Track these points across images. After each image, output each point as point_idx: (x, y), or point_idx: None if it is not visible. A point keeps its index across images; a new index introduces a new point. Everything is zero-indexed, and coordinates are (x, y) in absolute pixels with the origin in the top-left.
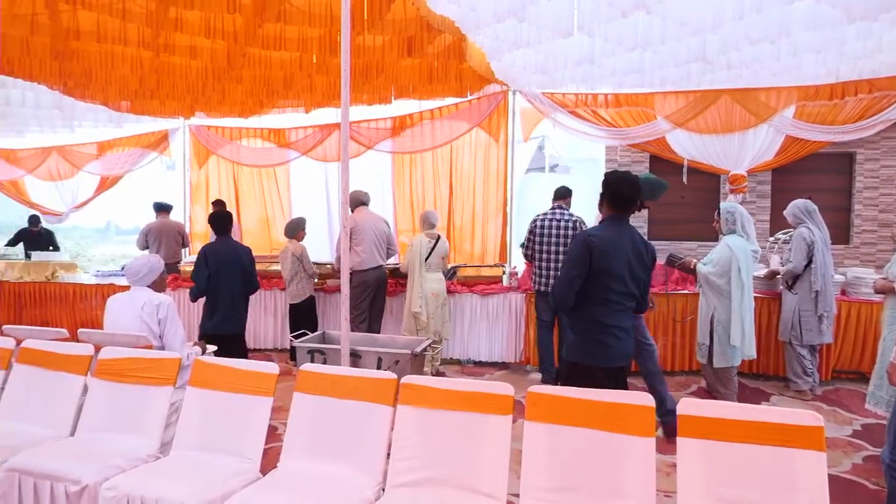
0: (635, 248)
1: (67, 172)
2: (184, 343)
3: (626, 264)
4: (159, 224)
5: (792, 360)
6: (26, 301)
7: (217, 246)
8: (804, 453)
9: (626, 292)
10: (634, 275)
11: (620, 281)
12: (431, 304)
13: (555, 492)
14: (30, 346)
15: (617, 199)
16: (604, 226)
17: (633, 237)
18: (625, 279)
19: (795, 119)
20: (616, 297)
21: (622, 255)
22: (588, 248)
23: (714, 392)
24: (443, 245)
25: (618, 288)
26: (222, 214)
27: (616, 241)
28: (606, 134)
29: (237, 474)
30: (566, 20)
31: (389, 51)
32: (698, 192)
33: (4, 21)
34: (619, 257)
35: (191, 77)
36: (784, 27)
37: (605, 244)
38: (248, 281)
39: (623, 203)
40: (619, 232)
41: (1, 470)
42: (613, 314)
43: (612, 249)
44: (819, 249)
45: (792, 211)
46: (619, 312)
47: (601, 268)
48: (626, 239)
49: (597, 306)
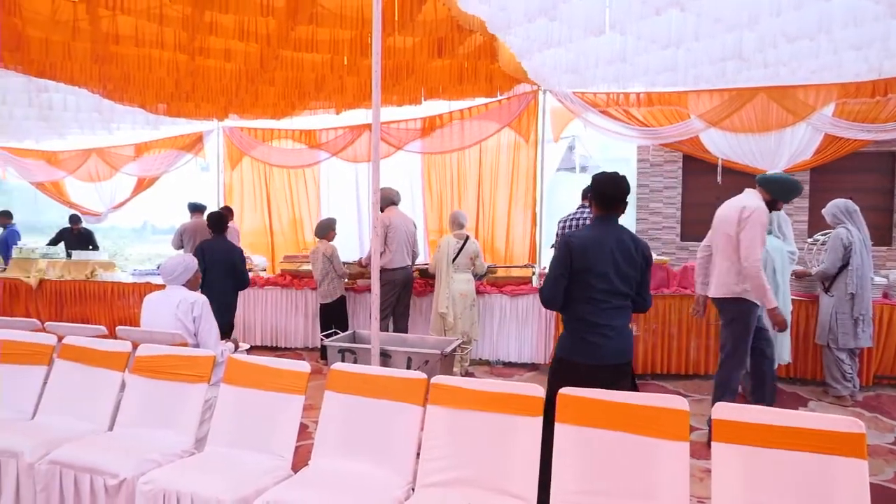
0: (622, 247)
1: (106, 174)
2: (218, 340)
3: (609, 263)
4: (194, 224)
5: (830, 365)
6: (67, 299)
7: (213, 243)
8: (844, 461)
9: (613, 290)
10: (622, 273)
11: (604, 279)
12: (459, 304)
13: (585, 495)
14: (71, 342)
15: (601, 198)
16: (589, 226)
17: (621, 236)
18: (608, 277)
19: (835, 117)
20: (601, 296)
21: (604, 253)
22: (568, 248)
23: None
24: (471, 245)
25: (601, 286)
26: (220, 214)
27: (598, 239)
28: (638, 133)
29: (269, 471)
30: (598, 18)
31: (420, 52)
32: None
33: (48, 27)
34: (601, 256)
35: (225, 79)
36: (824, 24)
37: (584, 243)
38: (238, 278)
39: (606, 202)
40: (604, 231)
41: (43, 462)
42: (601, 313)
43: (593, 248)
44: (857, 251)
45: (831, 211)
46: (608, 311)
47: (582, 266)
48: (612, 238)
49: (581, 305)
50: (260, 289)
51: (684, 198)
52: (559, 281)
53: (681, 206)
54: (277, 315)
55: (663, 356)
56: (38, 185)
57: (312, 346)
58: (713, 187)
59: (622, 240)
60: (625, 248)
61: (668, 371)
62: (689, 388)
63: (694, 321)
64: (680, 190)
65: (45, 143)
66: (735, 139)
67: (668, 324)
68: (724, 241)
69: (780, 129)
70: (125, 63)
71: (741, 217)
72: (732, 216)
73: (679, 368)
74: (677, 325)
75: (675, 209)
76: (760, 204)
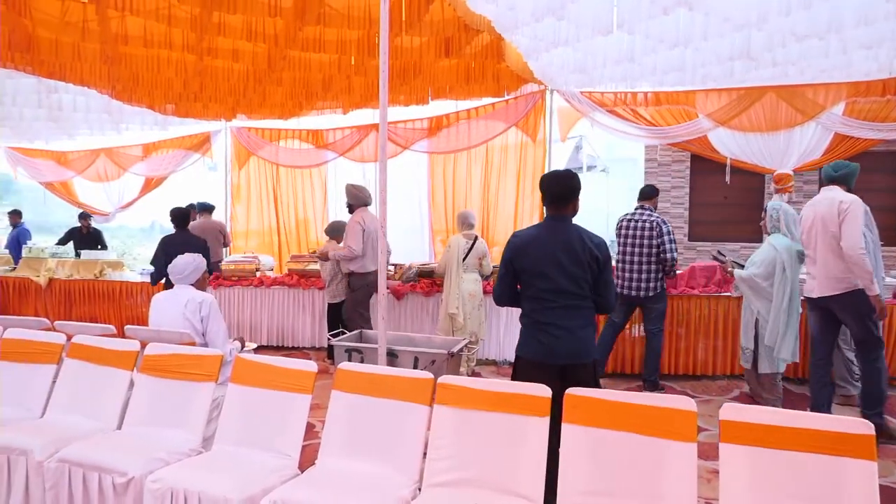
0: (567, 247)
1: (114, 174)
2: (226, 339)
3: (550, 262)
4: (202, 224)
5: (839, 365)
6: (76, 298)
7: (175, 237)
8: (854, 462)
9: (558, 290)
10: (567, 273)
11: (544, 278)
12: (468, 304)
13: (592, 495)
14: (79, 341)
15: (546, 197)
16: (537, 224)
17: (568, 236)
18: (550, 277)
19: (845, 116)
20: (546, 295)
21: (546, 253)
22: (509, 248)
23: (757, 398)
24: (480, 245)
25: (543, 285)
26: (182, 211)
27: (540, 238)
28: (646, 133)
29: (276, 470)
30: (606, 17)
31: (427, 52)
32: (742, 191)
33: (57, 28)
34: (541, 255)
35: (233, 80)
36: (833, 23)
37: (522, 242)
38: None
39: (553, 201)
40: (549, 230)
41: (52, 461)
42: (547, 311)
43: (533, 247)
44: (869, 251)
45: None
46: (555, 310)
47: (520, 265)
48: (557, 237)
49: (528, 302)
50: (267, 288)
51: (692, 197)
52: (503, 279)
53: (689, 206)
54: (284, 315)
55: (671, 357)
56: (47, 185)
57: (319, 345)
58: (721, 187)
59: (568, 240)
60: (570, 248)
61: (675, 372)
62: (696, 388)
63: (702, 322)
64: (688, 190)
65: (54, 143)
66: (744, 138)
67: (675, 324)
68: (829, 239)
69: (790, 128)
70: (134, 63)
71: (840, 210)
72: (831, 212)
73: (686, 369)
74: (685, 326)
75: (682, 209)
76: (853, 195)
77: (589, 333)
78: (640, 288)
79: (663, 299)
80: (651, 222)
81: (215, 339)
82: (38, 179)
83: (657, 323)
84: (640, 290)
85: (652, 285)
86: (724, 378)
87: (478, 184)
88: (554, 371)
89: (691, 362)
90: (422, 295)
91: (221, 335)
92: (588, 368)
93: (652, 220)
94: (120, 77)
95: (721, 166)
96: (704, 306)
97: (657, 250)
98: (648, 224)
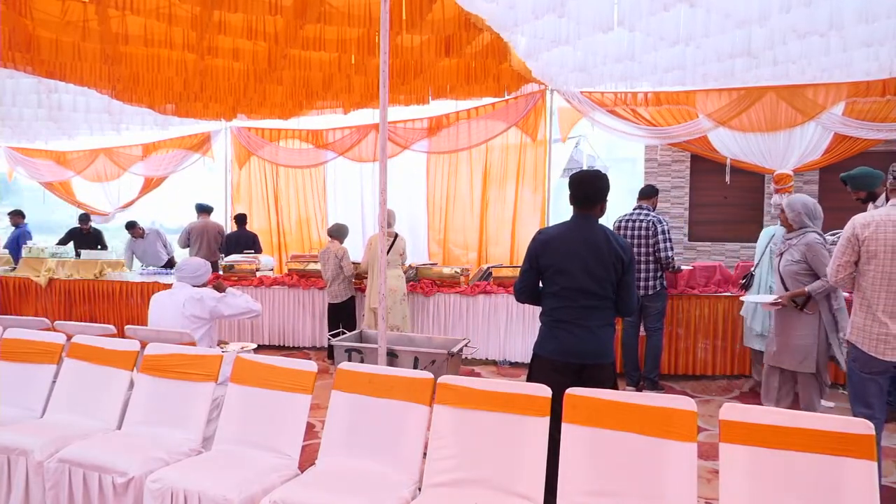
0: (593, 247)
1: (114, 173)
2: (249, 299)
3: (575, 261)
4: (201, 224)
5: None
6: (76, 298)
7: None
8: (854, 462)
9: (581, 289)
10: (591, 272)
11: (568, 276)
12: (389, 299)
13: (593, 495)
14: (79, 341)
15: (574, 197)
16: (565, 222)
17: (595, 236)
18: (573, 275)
19: (845, 116)
20: (567, 293)
21: (571, 251)
22: (534, 244)
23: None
24: (400, 242)
25: (566, 283)
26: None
27: (565, 237)
28: (646, 133)
29: (276, 470)
30: (606, 14)
31: (427, 51)
32: (742, 192)
33: (58, 28)
34: (566, 253)
35: (233, 79)
36: (834, 20)
37: (548, 239)
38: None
39: (579, 201)
40: (575, 229)
41: (52, 461)
42: (567, 309)
43: (557, 245)
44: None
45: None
46: (575, 309)
47: (546, 263)
48: (582, 236)
49: (549, 300)
50: (267, 288)
51: (692, 198)
52: (526, 275)
53: (689, 206)
54: (285, 314)
55: (671, 357)
56: (47, 185)
57: (320, 345)
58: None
59: (595, 239)
60: (595, 248)
61: (675, 372)
62: (696, 388)
63: (702, 322)
64: (687, 190)
65: (53, 143)
66: (744, 138)
67: (675, 324)
68: None
69: (790, 128)
70: (134, 63)
71: None
72: None
73: (686, 369)
74: (685, 326)
75: (682, 209)
76: None
77: (609, 334)
78: (639, 287)
79: (662, 298)
80: (647, 222)
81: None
82: (38, 179)
83: (657, 321)
84: (639, 289)
85: (651, 283)
86: (724, 378)
87: (478, 184)
88: (572, 370)
89: (691, 362)
90: (422, 295)
91: (243, 298)
92: (607, 370)
93: (648, 220)
94: (120, 77)
95: (721, 166)
96: (704, 306)
97: (654, 249)
98: (645, 224)
